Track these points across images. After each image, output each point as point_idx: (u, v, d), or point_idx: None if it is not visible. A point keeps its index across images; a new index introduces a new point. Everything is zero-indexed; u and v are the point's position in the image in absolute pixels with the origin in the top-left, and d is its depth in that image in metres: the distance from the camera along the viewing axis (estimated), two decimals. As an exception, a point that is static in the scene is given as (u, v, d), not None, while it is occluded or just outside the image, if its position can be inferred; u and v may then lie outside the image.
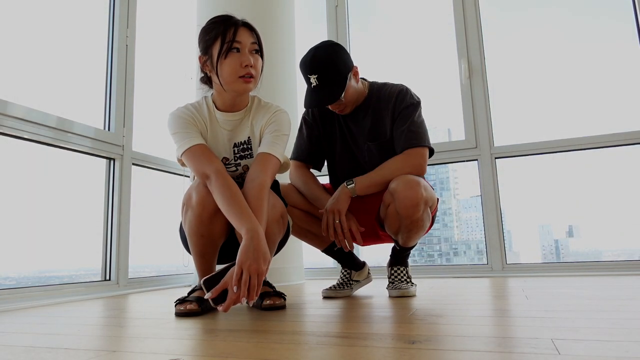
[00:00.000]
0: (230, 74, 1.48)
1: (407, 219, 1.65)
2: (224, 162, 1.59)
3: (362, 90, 1.84)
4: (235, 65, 1.47)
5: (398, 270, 1.85)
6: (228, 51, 1.47)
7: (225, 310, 1.25)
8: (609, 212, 3.35)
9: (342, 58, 1.72)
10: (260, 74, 1.55)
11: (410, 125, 1.76)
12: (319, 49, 1.72)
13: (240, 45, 1.48)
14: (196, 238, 1.51)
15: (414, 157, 1.73)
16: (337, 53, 1.72)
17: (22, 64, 2.30)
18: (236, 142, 1.61)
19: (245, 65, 1.47)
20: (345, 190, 1.71)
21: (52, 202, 2.39)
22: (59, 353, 0.96)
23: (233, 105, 1.59)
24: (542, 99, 3.28)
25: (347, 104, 1.80)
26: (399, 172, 1.69)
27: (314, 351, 0.90)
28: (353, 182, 1.72)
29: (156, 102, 3.06)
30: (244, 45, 1.48)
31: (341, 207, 1.68)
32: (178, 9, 3.42)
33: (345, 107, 1.81)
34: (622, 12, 2.95)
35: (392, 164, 1.73)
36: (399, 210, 1.64)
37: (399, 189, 1.63)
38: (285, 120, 1.60)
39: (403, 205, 1.63)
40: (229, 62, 1.47)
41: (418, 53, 3.68)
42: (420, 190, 1.63)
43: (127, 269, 2.51)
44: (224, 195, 1.39)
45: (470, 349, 0.87)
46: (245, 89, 1.50)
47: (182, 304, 1.49)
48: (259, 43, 1.52)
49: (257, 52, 1.52)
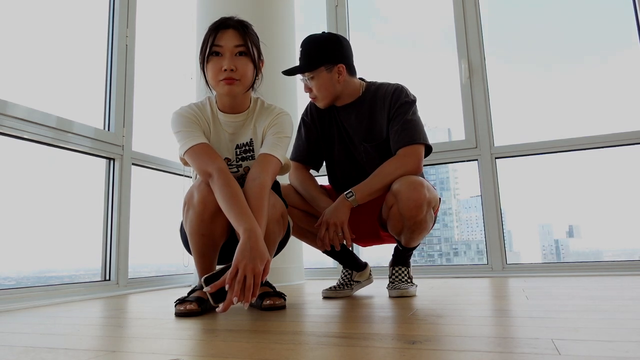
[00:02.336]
0: (211, 78, 1.52)
1: (411, 220, 1.65)
2: (225, 162, 1.59)
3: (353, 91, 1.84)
4: (215, 70, 1.50)
5: (399, 270, 1.85)
6: (209, 55, 1.50)
7: (223, 310, 1.25)
8: (609, 212, 3.35)
9: (331, 47, 1.77)
10: (250, 75, 1.53)
11: (404, 123, 1.75)
12: (327, 33, 1.82)
13: (221, 49, 1.49)
14: (197, 237, 1.51)
15: (409, 157, 1.72)
16: (332, 41, 1.79)
17: (23, 64, 2.30)
18: (238, 144, 1.62)
19: (224, 70, 1.47)
20: (345, 203, 1.68)
21: (52, 202, 2.39)
22: (59, 353, 0.96)
23: (232, 107, 1.59)
24: (542, 99, 3.28)
25: (318, 95, 1.81)
26: (396, 174, 1.69)
27: (314, 351, 0.90)
28: (353, 194, 1.69)
29: (156, 102, 3.06)
30: (225, 49, 1.49)
31: (343, 219, 1.65)
32: (178, 9, 3.42)
33: (316, 98, 1.82)
34: (622, 12, 2.95)
35: (388, 167, 1.72)
36: (403, 211, 1.64)
37: (402, 190, 1.63)
38: (287, 123, 1.61)
39: (407, 207, 1.62)
40: (210, 66, 1.51)
41: (418, 53, 3.68)
42: (423, 191, 1.62)
43: (127, 269, 2.51)
44: (225, 193, 1.39)
45: (470, 349, 0.87)
46: (228, 92, 1.51)
47: (182, 304, 1.49)
48: (246, 44, 1.51)
49: (244, 54, 1.51)
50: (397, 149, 1.75)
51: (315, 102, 1.87)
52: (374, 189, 1.70)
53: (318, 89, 1.79)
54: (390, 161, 1.73)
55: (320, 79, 1.77)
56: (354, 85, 1.85)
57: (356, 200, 1.69)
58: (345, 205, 1.68)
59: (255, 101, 1.64)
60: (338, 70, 1.78)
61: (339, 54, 1.79)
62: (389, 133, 1.79)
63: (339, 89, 1.81)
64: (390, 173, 1.70)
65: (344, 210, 1.67)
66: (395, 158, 1.74)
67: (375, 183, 1.71)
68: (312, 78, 1.78)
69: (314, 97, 1.84)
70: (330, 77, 1.78)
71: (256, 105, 1.64)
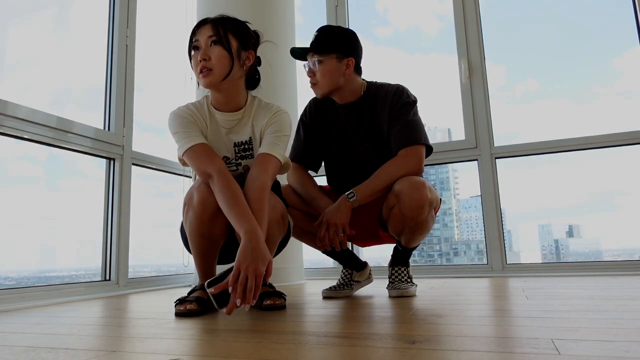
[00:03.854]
0: (194, 73, 1.55)
1: (412, 221, 1.65)
2: (224, 161, 1.59)
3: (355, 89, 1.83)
4: (194, 63, 1.53)
5: (399, 270, 1.85)
6: (190, 51, 1.55)
7: (228, 313, 1.25)
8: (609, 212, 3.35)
9: (348, 39, 1.80)
10: (226, 64, 1.50)
11: (405, 124, 1.76)
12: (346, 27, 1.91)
13: (198, 43, 1.52)
14: (197, 238, 1.51)
15: (411, 158, 1.72)
16: (350, 34, 1.83)
17: (23, 64, 2.30)
18: (236, 142, 1.62)
19: (200, 60, 1.49)
20: (347, 203, 1.68)
21: (52, 202, 2.39)
22: (59, 353, 0.96)
23: (226, 104, 1.58)
24: (542, 99, 3.28)
25: (321, 82, 1.78)
26: (398, 175, 1.69)
27: (314, 351, 0.90)
28: (354, 194, 1.68)
29: (156, 102, 3.06)
30: (201, 42, 1.51)
31: (343, 220, 1.65)
32: (178, 9, 3.42)
33: (317, 84, 1.80)
34: (622, 12, 2.95)
35: (389, 167, 1.72)
36: (405, 212, 1.64)
37: (404, 191, 1.63)
38: (285, 121, 1.61)
39: (409, 207, 1.62)
40: (193, 61, 1.54)
41: (418, 53, 3.68)
42: (425, 192, 1.63)
43: (127, 269, 2.51)
44: (225, 195, 1.39)
45: (470, 349, 0.87)
46: (204, 83, 1.51)
47: (182, 304, 1.49)
48: (218, 34, 1.49)
49: (217, 43, 1.50)
50: (398, 149, 1.75)
51: (313, 89, 1.84)
52: (376, 189, 1.70)
53: (322, 75, 1.77)
54: (392, 162, 1.73)
55: (328, 65, 1.76)
56: (357, 83, 1.84)
57: (357, 200, 1.68)
58: (346, 205, 1.68)
59: (252, 100, 1.64)
60: (347, 63, 1.77)
61: (352, 48, 1.79)
62: (390, 134, 1.80)
63: (342, 82, 1.80)
64: (392, 173, 1.70)
65: (345, 211, 1.67)
66: (396, 158, 1.74)
67: (376, 183, 1.71)
68: (320, 62, 1.77)
69: (315, 82, 1.81)
70: (338, 67, 1.77)
71: (253, 103, 1.63)
